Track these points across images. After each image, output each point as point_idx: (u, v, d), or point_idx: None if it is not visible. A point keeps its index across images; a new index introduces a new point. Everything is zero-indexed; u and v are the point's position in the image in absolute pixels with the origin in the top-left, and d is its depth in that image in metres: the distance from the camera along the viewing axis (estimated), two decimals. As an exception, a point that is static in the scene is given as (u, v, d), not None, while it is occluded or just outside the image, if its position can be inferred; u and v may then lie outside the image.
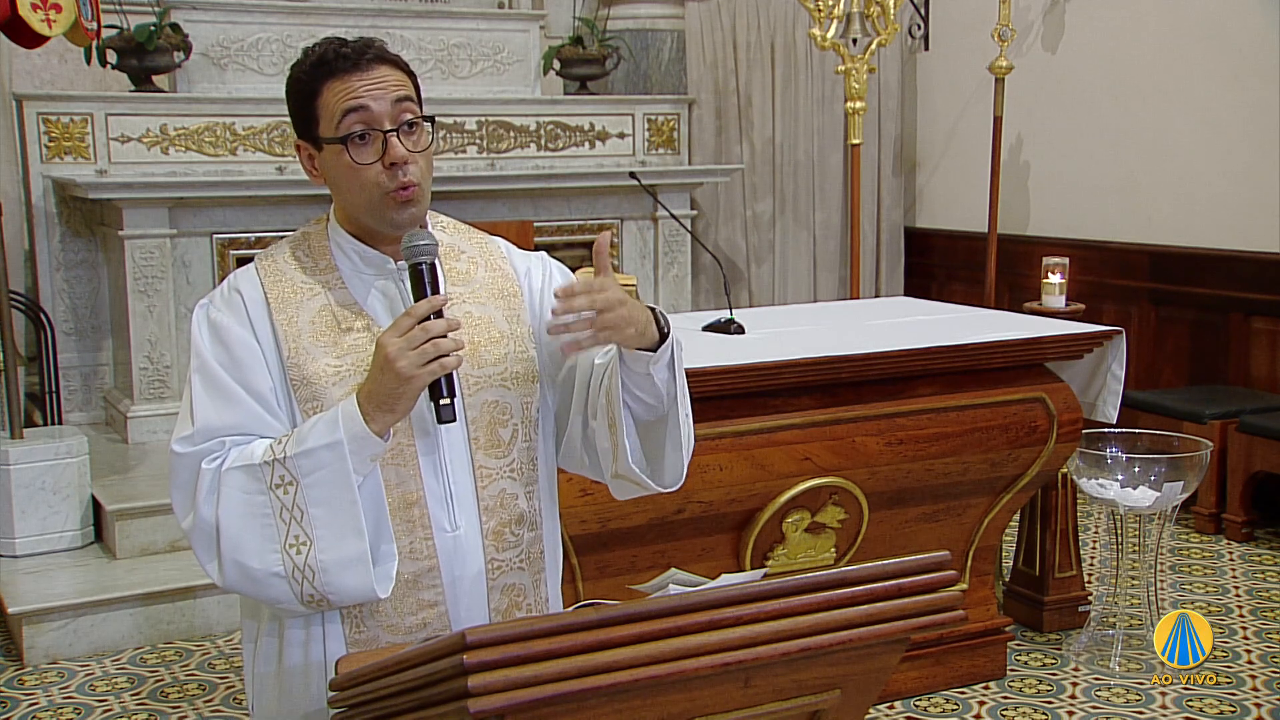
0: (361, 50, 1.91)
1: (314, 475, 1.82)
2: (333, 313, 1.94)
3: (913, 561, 1.63)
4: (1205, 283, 5.59)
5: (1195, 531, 5.18)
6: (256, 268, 1.98)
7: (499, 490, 1.98)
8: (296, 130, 1.98)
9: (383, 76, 1.91)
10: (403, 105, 1.91)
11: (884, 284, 7.20)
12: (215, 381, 1.89)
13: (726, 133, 7.16)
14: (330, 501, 1.82)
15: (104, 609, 4.18)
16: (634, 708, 1.49)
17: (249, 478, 1.83)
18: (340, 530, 1.82)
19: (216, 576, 1.88)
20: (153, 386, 5.46)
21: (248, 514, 1.83)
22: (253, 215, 5.63)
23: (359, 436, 1.82)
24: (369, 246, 1.97)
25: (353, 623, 1.92)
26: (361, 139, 1.88)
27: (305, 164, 1.98)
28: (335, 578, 1.83)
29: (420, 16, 6.45)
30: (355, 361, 1.91)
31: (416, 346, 1.79)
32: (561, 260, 2.24)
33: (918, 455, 3.46)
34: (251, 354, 1.90)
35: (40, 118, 5.56)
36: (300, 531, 1.83)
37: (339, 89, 1.89)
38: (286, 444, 1.84)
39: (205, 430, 1.86)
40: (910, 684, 3.69)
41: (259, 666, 2.01)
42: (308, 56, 1.93)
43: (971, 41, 6.59)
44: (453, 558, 1.95)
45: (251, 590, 1.87)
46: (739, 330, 3.71)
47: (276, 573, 1.83)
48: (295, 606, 1.87)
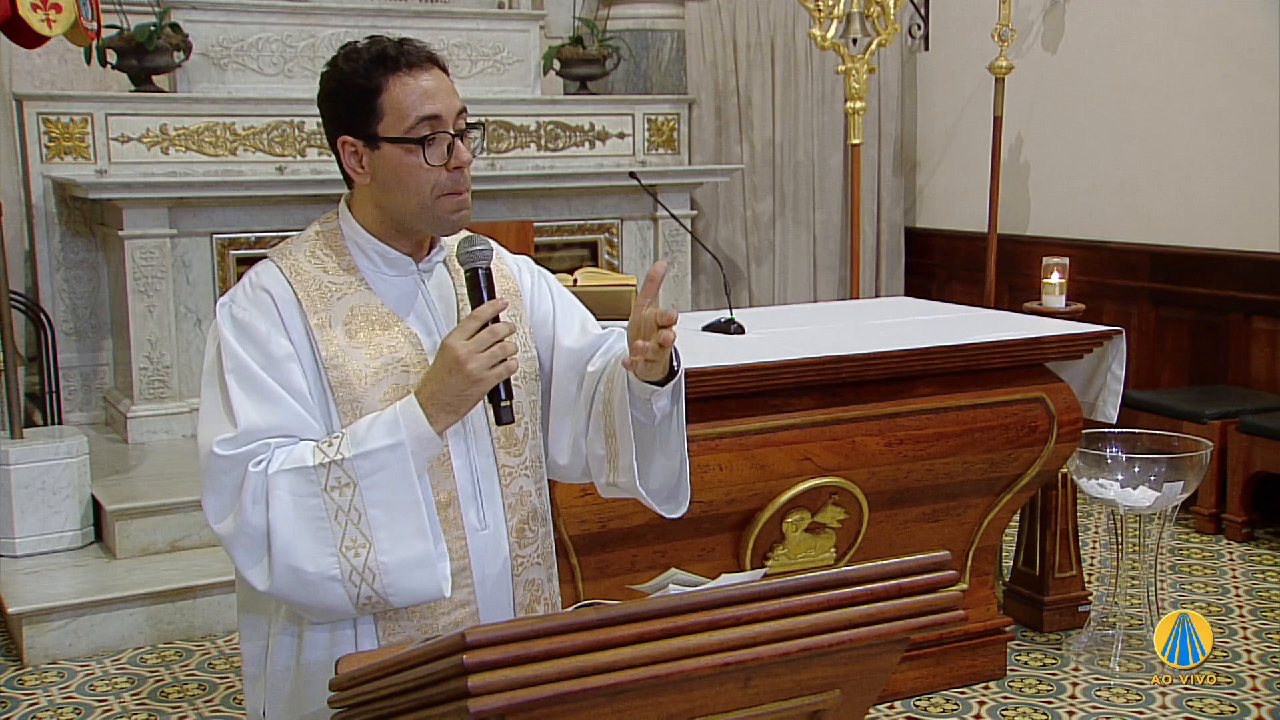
0: (420, 50, 1.91)
1: (374, 477, 1.81)
2: (362, 313, 1.93)
3: (913, 561, 1.63)
4: (1205, 283, 5.58)
5: (1195, 531, 5.18)
6: (279, 267, 1.94)
7: (519, 488, 2.03)
8: (340, 126, 1.93)
9: (441, 78, 1.92)
10: (463, 110, 1.93)
11: (884, 284, 7.20)
12: (255, 382, 1.86)
13: (726, 133, 7.16)
14: (390, 503, 1.82)
15: (104, 609, 4.18)
16: (634, 708, 1.49)
17: (301, 480, 1.81)
18: (402, 531, 1.82)
19: (261, 581, 1.83)
20: (153, 386, 5.46)
21: (299, 517, 1.81)
22: (253, 215, 5.63)
23: (423, 438, 1.84)
24: (390, 247, 1.97)
25: (387, 623, 1.92)
26: (431, 141, 1.88)
27: (348, 160, 1.94)
28: (398, 579, 1.82)
29: (420, 16, 6.45)
30: (390, 362, 1.92)
31: (486, 349, 1.83)
32: (561, 260, 2.26)
33: (918, 455, 3.46)
34: (287, 355, 1.88)
35: (40, 118, 5.56)
36: (357, 533, 1.81)
37: (410, 87, 1.88)
38: (340, 445, 1.83)
39: (250, 432, 1.83)
40: (910, 684, 3.69)
41: (272, 664, 1.99)
42: (360, 53, 1.90)
43: (971, 41, 6.59)
44: (482, 556, 1.98)
45: (301, 595, 1.83)
46: (739, 330, 3.71)
47: (332, 576, 1.81)
48: (347, 610, 1.85)
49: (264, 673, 2.01)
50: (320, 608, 1.86)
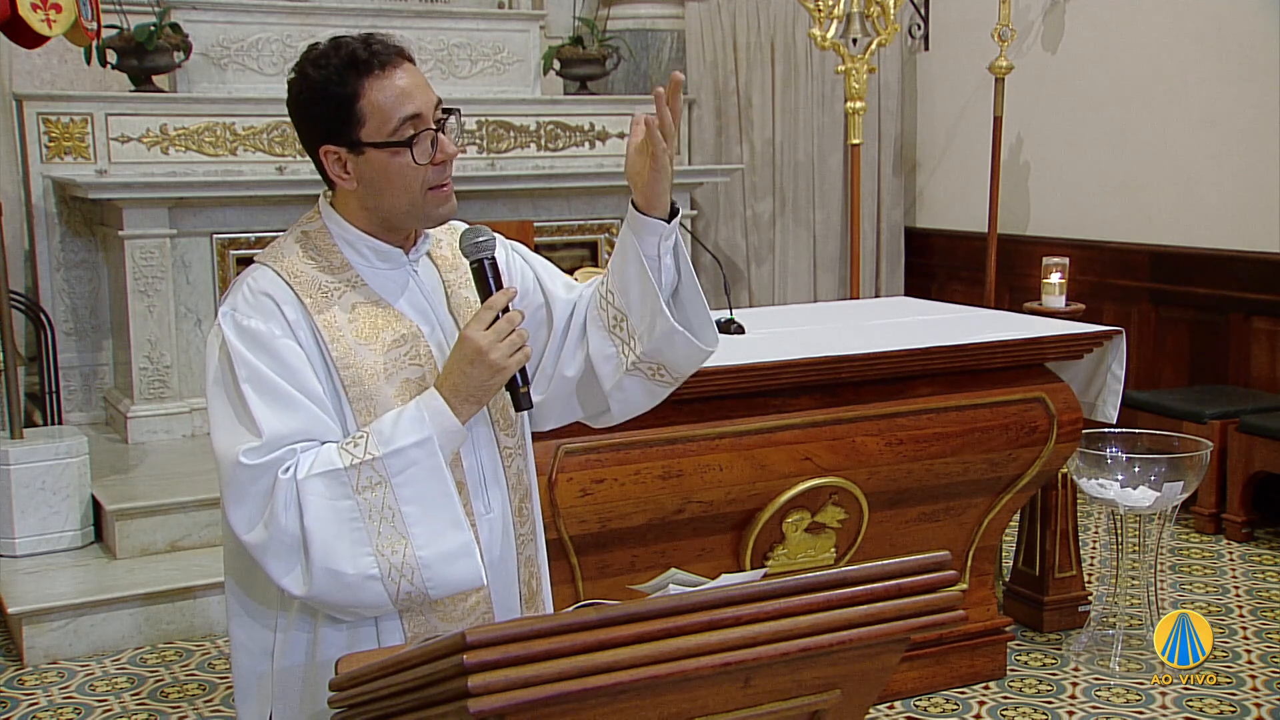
0: (388, 46, 1.89)
1: (405, 473, 1.82)
2: (364, 310, 1.94)
3: (913, 561, 1.63)
4: (1205, 283, 5.58)
5: (1195, 531, 5.18)
6: (275, 270, 1.92)
7: (517, 468, 2.06)
8: (320, 136, 1.90)
9: (413, 73, 1.91)
10: (439, 102, 1.93)
11: (884, 284, 7.20)
12: (273, 389, 1.84)
13: (726, 133, 7.16)
14: (423, 498, 1.83)
15: (104, 609, 4.18)
16: (634, 708, 1.49)
17: (332, 483, 1.81)
18: (438, 524, 1.83)
19: (299, 586, 1.82)
20: (153, 386, 5.46)
21: (335, 520, 1.80)
22: (253, 215, 5.63)
23: (449, 430, 1.86)
24: (381, 241, 1.97)
25: (411, 615, 1.93)
26: (417, 140, 1.88)
27: (332, 168, 1.92)
28: (438, 572, 1.83)
29: (420, 16, 6.45)
30: (399, 356, 1.93)
31: (504, 338, 1.85)
32: (561, 260, 2.28)
33: (918, 455, 3.46)
34: (299, 358, 1.87)
35: (40, 118, 5.56)
36: (392, 531, 1.82)
37: (387, 89, 1.86)
38: (368, 445, 1.83)
39: (275, 440, 1.82)
40: (910, 684, 3.69)
41: (282, 661, 1.98)
42: (328, 57, 1.88)
43: (971, 41, 6.59)
44: (490, 540, 2.00)
45: (341, 596, 1.83)
46: (739, 330, 3.70)
47: (371, 575, 1.81)
48: (387, 607, 1.86)
49: (270, 671, 2.00)
50: (360, 607, 1.85)
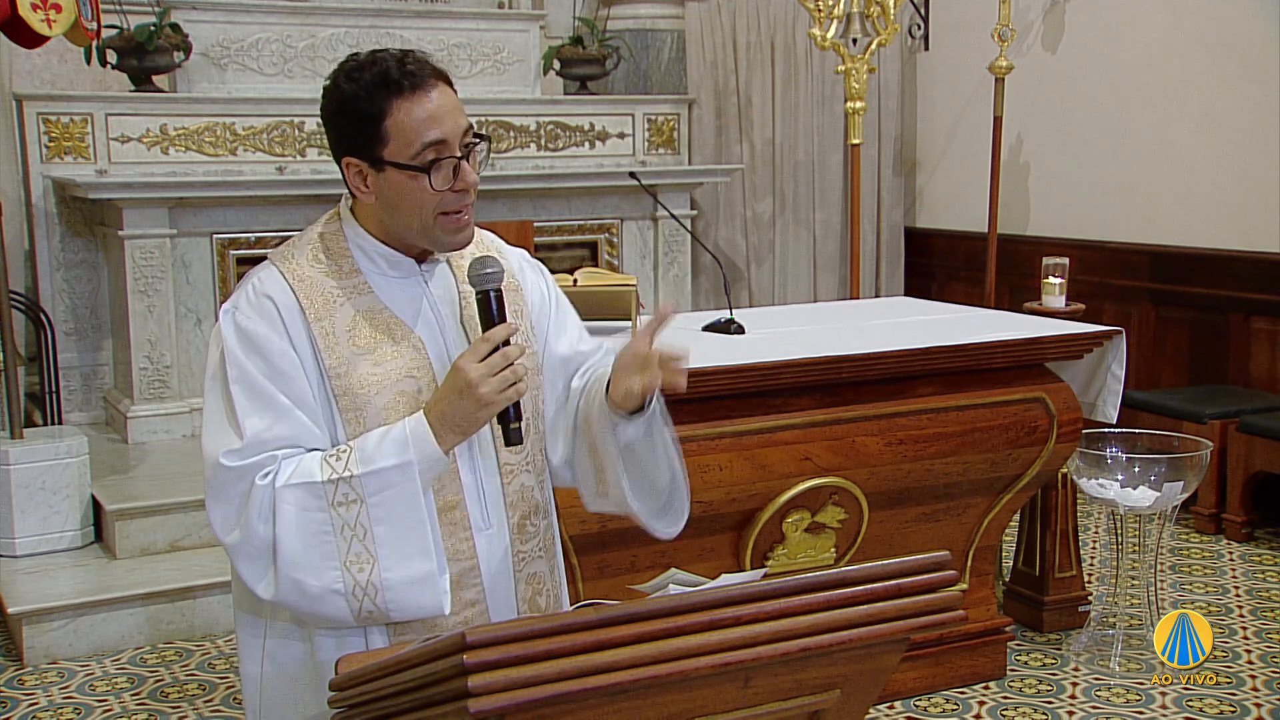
0: (423, 66, 1.88)
1: (381, 495, 1.82)
2: (366, 319, 1.93)
3: (913, 561, 1.63)
4: (1205, 283, 5.58)
5: (1195, 531, 5.18)
6: (282, 272, 1.93)
7: (520, 484, 2.04)
8: (344, 148, 1.91)
9: (446, 96, 1.89)
10: (469, 128, 1.91)
11: (884, 284, 7.19)
12: (261, 393, 1.85)
13: (726, 133, 7.16)
14: (396, 521, 1.83)
15: (104, 609, 4.18)
16: (634, 708, 1.49)
17: (308, 495, 1.81)
18: (405, 549, 1.83)
19: (266, 591, 1.84)
20: (153, 386, 5.46)
21: (305, 531, 1.81)
22: (253, 215, 5.63)
23: (431, 457, 1.85)
24: (394, 250, 1.97)
25: (398, 626, 1.93)
26: (437, 166, 1.87)
27: (353, 180, 1.92)
28: (400, 595, 1.84)
29: (420, 16, 6.45)
30: (394, 369, 1.92)
31: (497, 373, 1.84)
32: (561, 260, 2.27)
33: (918, 455, 3.46)
34: (292, 364, 1.88)
35: (40, 118, 5.56)
36: (361, 549, 1.82)
37: (414, 112, 1.85)
38: (348, 461, 1.83)
39: (256, 444, 1.83)
40: (910, 684, 3.69)
41: (270, 665, 1.99)
42: (362, 71, 1.88)
43: (971, 41, 6.59)
44: (488, 554, 1.99)
45: (305, 605, 1.85)
46: (739, 330, 3.71)
47: (335, 589, 1.82)
48: (348, 622, 1.87)
49: (260, 674, 2.01)
50: (321, 618, 1.88)
